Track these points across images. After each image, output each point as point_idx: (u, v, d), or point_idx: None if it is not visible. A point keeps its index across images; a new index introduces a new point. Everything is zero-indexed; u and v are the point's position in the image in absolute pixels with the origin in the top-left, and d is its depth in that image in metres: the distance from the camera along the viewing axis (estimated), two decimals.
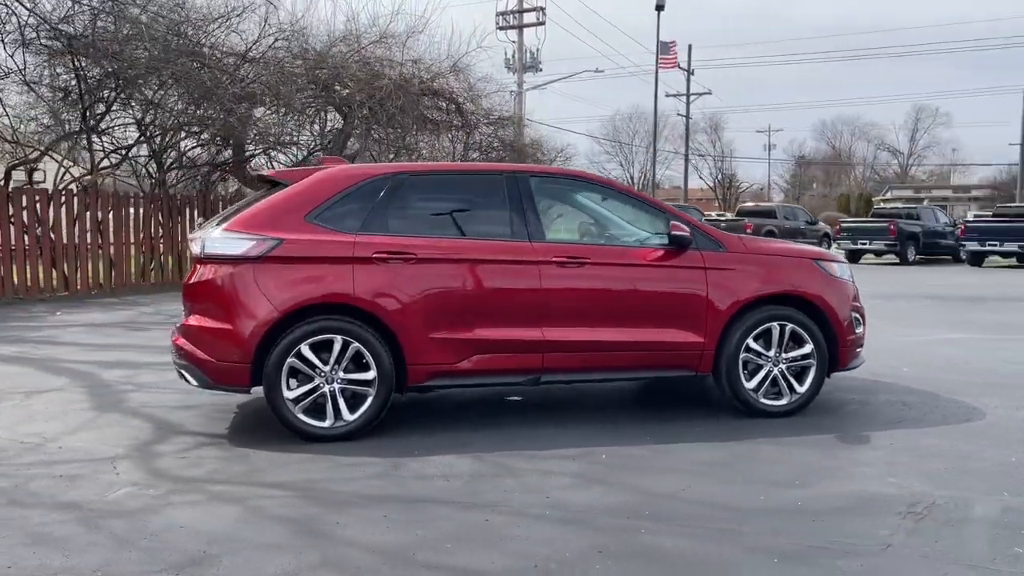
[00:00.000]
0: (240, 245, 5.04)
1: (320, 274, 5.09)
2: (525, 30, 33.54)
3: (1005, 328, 10.32)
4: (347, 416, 5.09)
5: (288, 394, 5.03)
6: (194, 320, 5.16)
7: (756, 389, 5.60)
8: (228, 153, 18.62)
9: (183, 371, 5.22)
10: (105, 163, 15.88)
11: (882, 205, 48.90)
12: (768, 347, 5.61)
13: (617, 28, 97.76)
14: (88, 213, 14.16)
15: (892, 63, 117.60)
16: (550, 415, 5.90)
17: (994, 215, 25.79)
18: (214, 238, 5.11)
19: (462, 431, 5.36)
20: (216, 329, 5.05)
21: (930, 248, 25.34)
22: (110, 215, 14.61)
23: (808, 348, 5.65)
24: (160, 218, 15.54)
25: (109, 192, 15.29)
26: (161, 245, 15.56)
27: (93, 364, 7.64)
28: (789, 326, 5.62)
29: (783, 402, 5.65)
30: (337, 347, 5.05)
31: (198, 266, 5.22)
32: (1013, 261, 23.85)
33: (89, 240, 14.14)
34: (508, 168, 5.68)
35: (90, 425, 5.55)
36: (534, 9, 33.52)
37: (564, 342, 5.33)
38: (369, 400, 5.11)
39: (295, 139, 18.91)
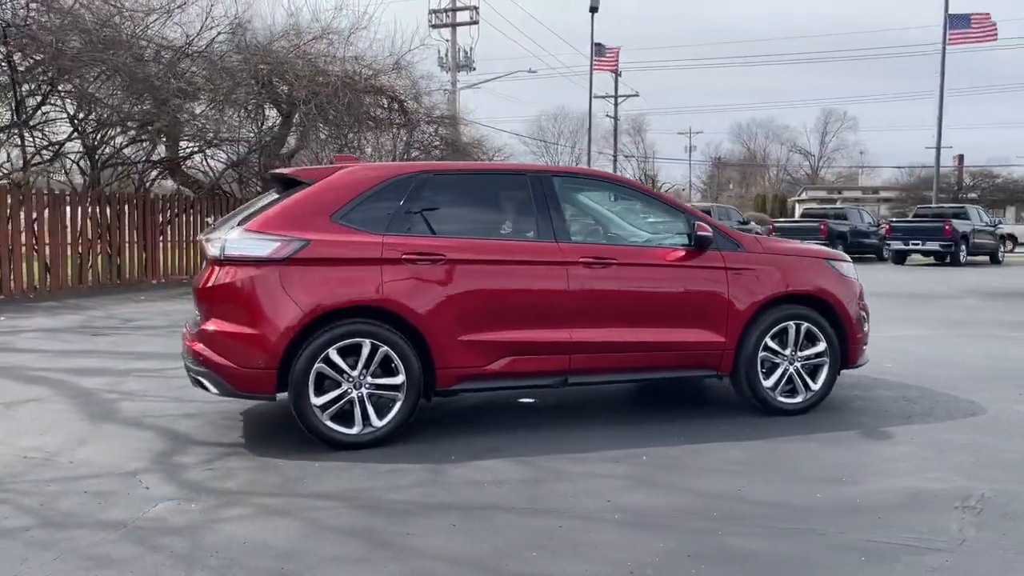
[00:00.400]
0: (265, 246, 4.84)
1: (348, 276, 4.93)
2: (458, 29, 33.44)
3: (961, 324, 10.75)
4: (376, 422, 4.95)
5: (316, 401, 4.85)
6: (213, 325, 4.92)
7: (773, 388, 5.67)
8: (162, 150, 18.00)
9: (201, 378, 4.97)
10: (37, 159, 15.12)
11: (798, 206, 50.51)
12: (784, 346, 5.69)
13: (550, 30, 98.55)
14: (22, 212, 13.45)
15: (803, 68, 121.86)
16: (570, 417, 5.85)
17: (915, 216, 26.93)
18: (236, 239, 4.89)
19: (488, 435, 5.26)
20: (239, 334, 4.83)
21: (856, 247, 26.27)
22: (45, 214, 13.92)
23: (822, 346, 5.75)
24: (98, 218, 14.88)
25: (44, 191, 14.57)
26: (98, 246, 14.90)
27: (65, 372, 7.24)
28: (804, 325, 5.70)
29: (798, 400, 5.74)
30: (366, 351, 4.90)
31: (215, 268, 4.98)
32: (932, 259, 24.95)
33: (24, 240, 13.44)
34: (532, 168, 5.61)
35: (92, 437, 5.24)
36: (467, 8, 33.40)
37: (591, 343, 5.29)
38: (398, 405, 4.97)
39: (236, 136, 18.36)
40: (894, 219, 28.66)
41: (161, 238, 16.32)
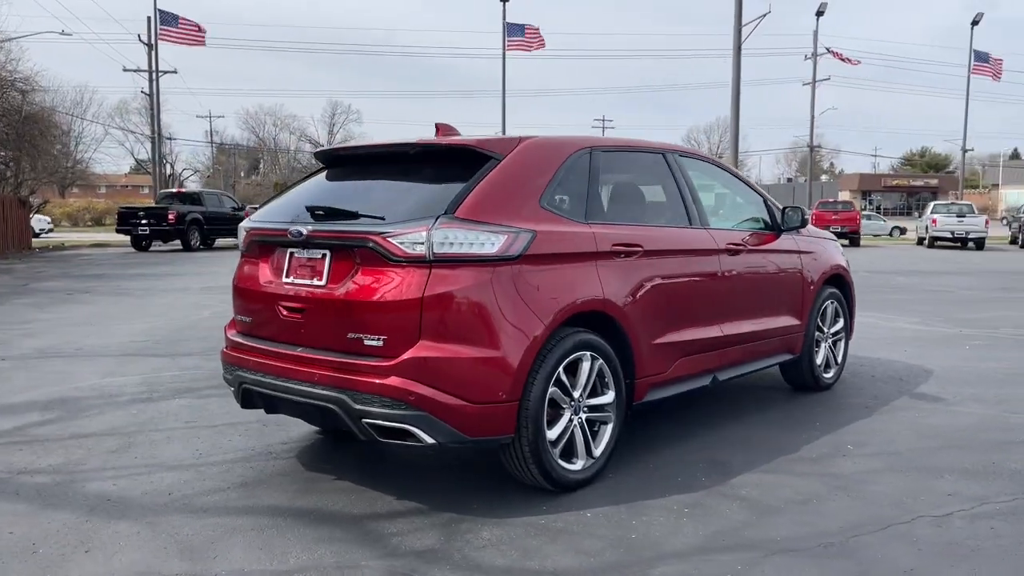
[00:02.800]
0: (492, 240, 3.61)
1: (571, 276, 3.91)
2: None
3: None
4: (595, 452, 4.06)
5: (549, 435, 3.81)
6: (430, 350, 3.49)
7: (821, 364, 5.90)
8: None
9: (409, 425, 3.48)
10: None
11: None
12: (824, 324, 5.95)
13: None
14: None
15: (309, 60, 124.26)
16: (667, 419, 5.35)
17: None
18: (449, 231, 3.54)
19: (658, 449, 4.61)
20: (476, 359, 3.53)
21: None
22: None
23: (842, 323, 6.13)
24: None
25: None
26: None
27: None
28: (835, 304, 6.03)
29: (831, 375, 6.02)
30: (586, 366, 3.96)
31: (413, 271, 3.54)
32: None
33: None
34: (662, 147, 4.96)
35: (186, 542, 3.39)
36: None
37: (734, 336, 4.94)
38: (608, 428, 4.13)
39: None
40: None
41: None
